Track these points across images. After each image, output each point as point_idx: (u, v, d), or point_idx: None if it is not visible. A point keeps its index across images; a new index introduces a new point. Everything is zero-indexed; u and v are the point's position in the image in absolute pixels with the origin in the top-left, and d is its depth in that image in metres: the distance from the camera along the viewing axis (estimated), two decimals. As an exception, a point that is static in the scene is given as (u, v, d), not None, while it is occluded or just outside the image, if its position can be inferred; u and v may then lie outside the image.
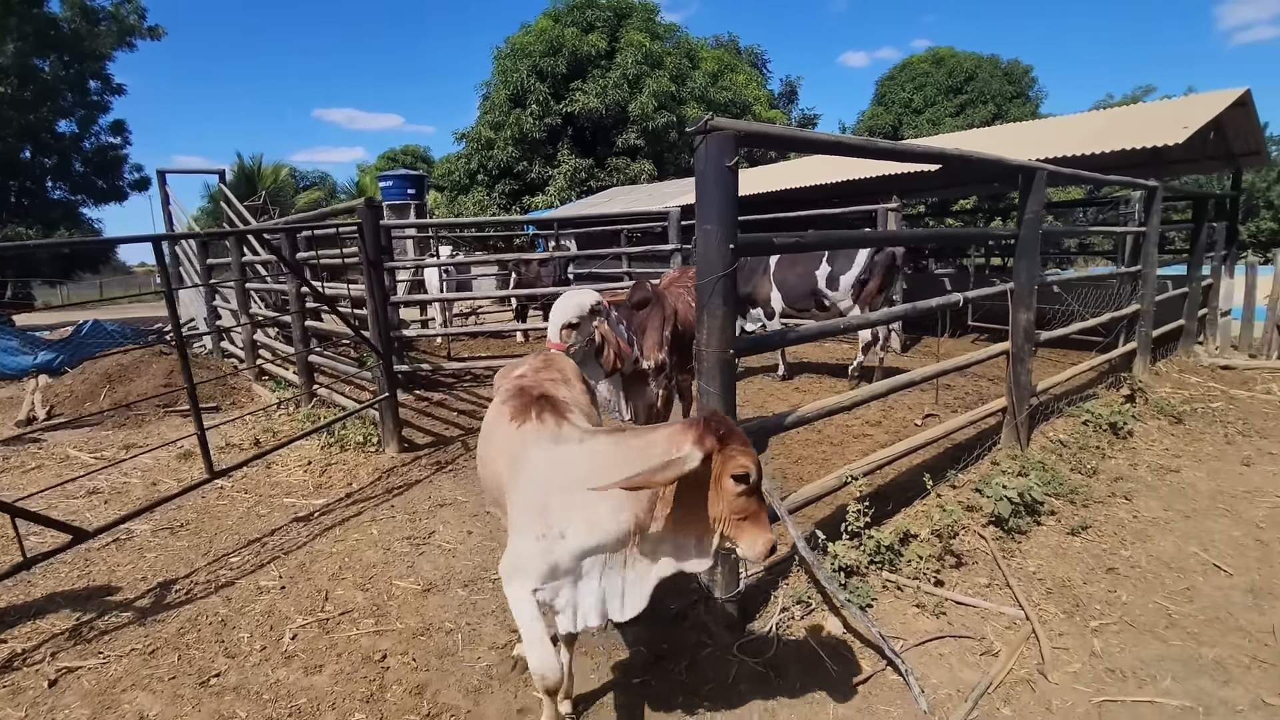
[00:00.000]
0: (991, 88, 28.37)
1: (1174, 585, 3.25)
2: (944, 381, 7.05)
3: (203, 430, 3.71)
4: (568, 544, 1.83)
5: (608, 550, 1.84)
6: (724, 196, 2.27)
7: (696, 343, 2.41)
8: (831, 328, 2.97)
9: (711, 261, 2.30)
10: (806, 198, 11.12)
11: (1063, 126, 9.46)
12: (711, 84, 19.62)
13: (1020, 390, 4.42)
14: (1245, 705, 2.42)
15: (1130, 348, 6.68)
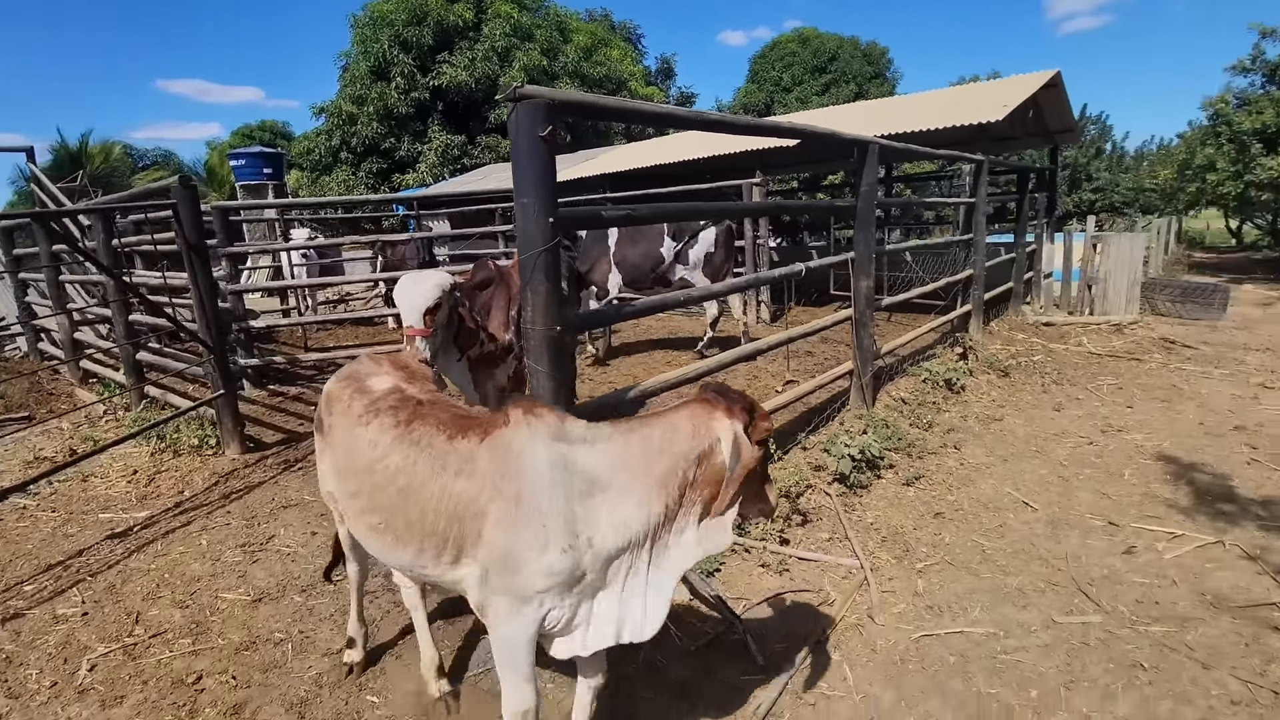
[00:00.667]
0: (853, 68, 29.87)
1: (989, 523, 3.58)
2: (805, 348, 7.40)
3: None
4: (595, 551, 1.62)
5: (635, 549, 1.67)
6: (539, 168, 2.20)
7: (523, 321, 2.35)
8: (671, 300, 2.99)
9: (531, 236, 2.23)
10: (678, 173, 11.25)
11: (905, 104, 10.11)
12: (585, 59, 19.35)
13: (864, 354, 4.69)
14: (1038, 626, 2.70)
15: (966, 310, 7.28)
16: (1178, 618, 2.71)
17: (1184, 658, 2.47)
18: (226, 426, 4.65)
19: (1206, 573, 3.03)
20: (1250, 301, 10.87)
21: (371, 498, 1.74)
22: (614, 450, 1.68)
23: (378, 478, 1.72)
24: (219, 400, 4.58)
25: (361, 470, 1.76)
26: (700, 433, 1.68)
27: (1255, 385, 5.95)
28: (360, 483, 1.77)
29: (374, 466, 1.73)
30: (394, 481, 1.70)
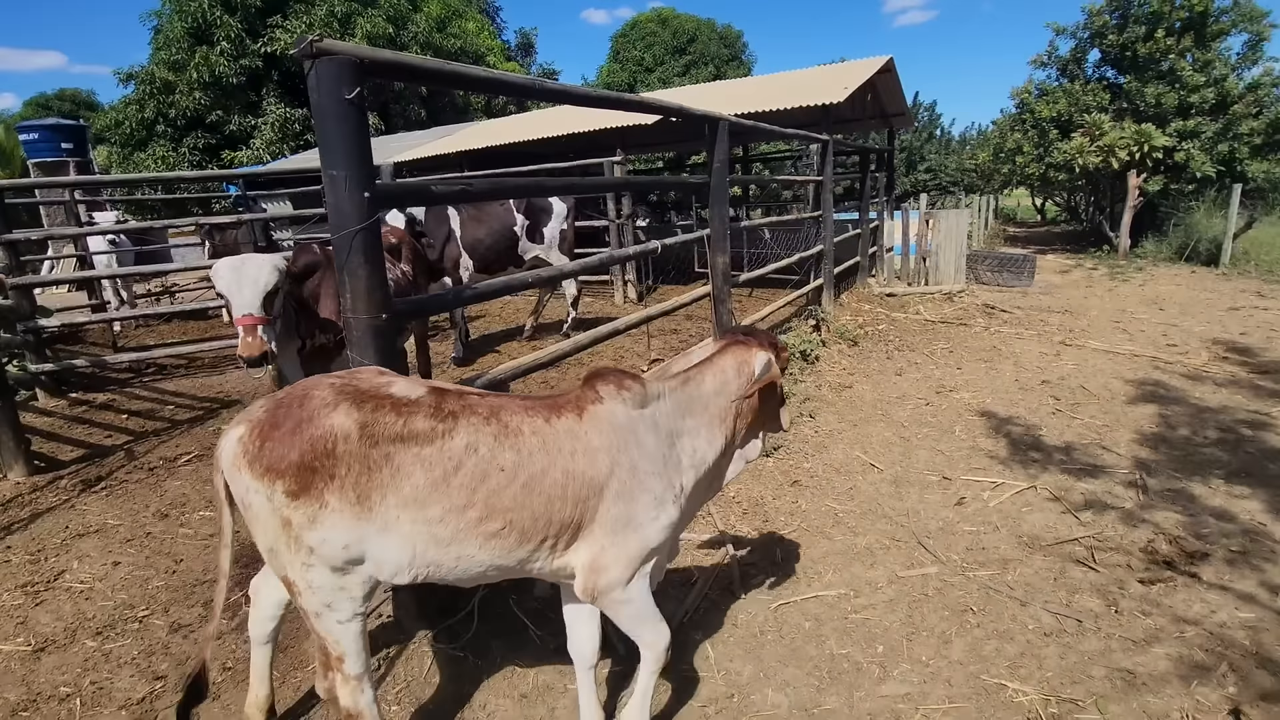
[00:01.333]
0: (711, 50, 30.58)
1: (841, 487, 3.76)
2: (671, 326, 7.49)
3: None
4: (685, 493, 1.84)
5: (707, 477, 1.95)
6: (349, 135, 1.95)
7: (343, 309, 2.10)
8: (518, 281, 2.83)
9: (344, 213, 1.99)
10: (541, 151, 10.97)
11: (758, 85, 10.44)
12: (437, 30, 18.30)
13: (723, 329, 4.76)
14: (884, 582, 2.85)
15: (818, 284, 7.65)
16: (1000, 560, 2.96)
17: (1005, 598, 2.69)
18: (6, 446, 3.94)
19: (1022, 516, 3.35)
20: (1052, 270, 12.31)
21: (489, 504, 1.59)
22: (682, 400, 1.88)
23: (493, 481, 1.59)
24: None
25: (471, 481, 1.57)
26: (743, 370, 1.95)
27: (1057, 343, 6.72)
28: (471, 494, 1.57)
29: (485, 470, 1.58)
30: (515, 479, 1.61)
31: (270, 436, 1.48)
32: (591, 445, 1.69)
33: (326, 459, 1.48)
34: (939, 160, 34.66)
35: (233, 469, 1.51)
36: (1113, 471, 3.78)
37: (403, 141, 12.44)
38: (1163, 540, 3.02)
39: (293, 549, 1.51)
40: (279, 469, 1.47)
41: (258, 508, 1.50)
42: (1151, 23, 13.61)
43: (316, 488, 1.48)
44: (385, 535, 1.54)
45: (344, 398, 1.54)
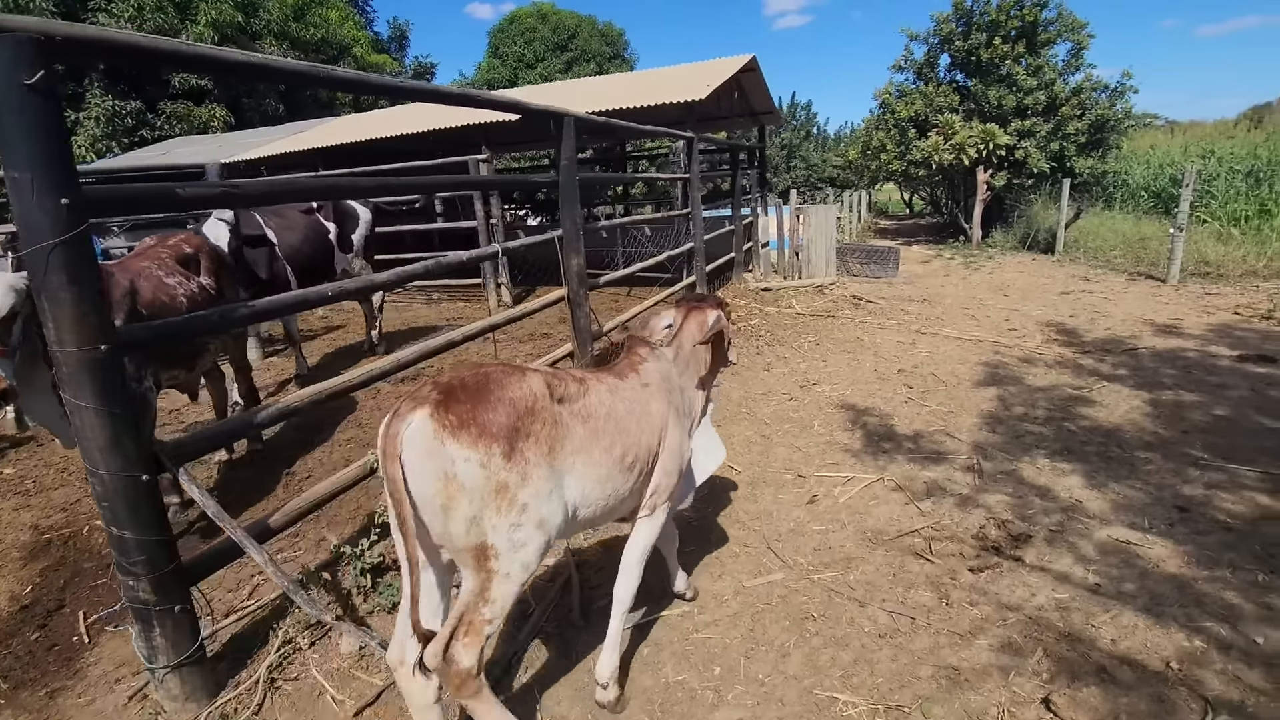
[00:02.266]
0: (592, 47, 30.38)
1: (697, 493, 3.66)
2: (542, 329, 7.24)
3: None
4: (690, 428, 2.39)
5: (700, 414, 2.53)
6: (35, 130, 1.58)
7: (50, 342, 1.71)
8: (315, 295, 2.49)
9: (35, 225, 1.61)
10: (406, 148, 10.38)
11: (623, 82, 10.35)
12: (294, 18, 16.99)
13: (581, 334, 4.58)
14: (729, 594, 2.75)
15: (691, 280, 7.65)
16: (844, 560, 2.95)
17: (846, 599, 2.66)
18: None
19: (869, 510, 3.37)
20: (915, 260, 13.05)
21: (622, 441, 1.95)
22: (678, 357, 2.38)
23: (619, 424, 1.96)
24: None
25: (609, 426, 1.93)
26: (705, 327, 2.39)
27: (914, 332, 7.03)
28: (612, 436, 1.93)
29: (613, 417, 1.95)
30: (630, 420, 2.00)
31: (472, 407, 1.59)
32: (652, 392, 2.13)
33: (528, 418, 1.68)
34: (818, 157, 36.29)
35: (430, 447, 1.54)
36: (953, 457, 3.91)
37: (252, 138, 11.40)
38: (992, 525, 3.11)
39: (504, 511, 1.61)
40: (492, 433, 1.59)
41: (468, 477, 1.56)
42: (991, 30, 14.72)
43: (520, 446, 1.64)
44: (566, 481, 1.78)
45: (522, 370, 1.79)
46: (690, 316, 2.44)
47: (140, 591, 1.90)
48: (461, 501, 1.56)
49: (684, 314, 2.46)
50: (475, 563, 1.62)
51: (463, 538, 1.59)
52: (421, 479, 1.54)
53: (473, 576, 1.64)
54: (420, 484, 1.55)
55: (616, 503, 1.98)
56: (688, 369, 2.40)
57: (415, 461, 1.54)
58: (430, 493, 1.55)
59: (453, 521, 1.57)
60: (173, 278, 3.16)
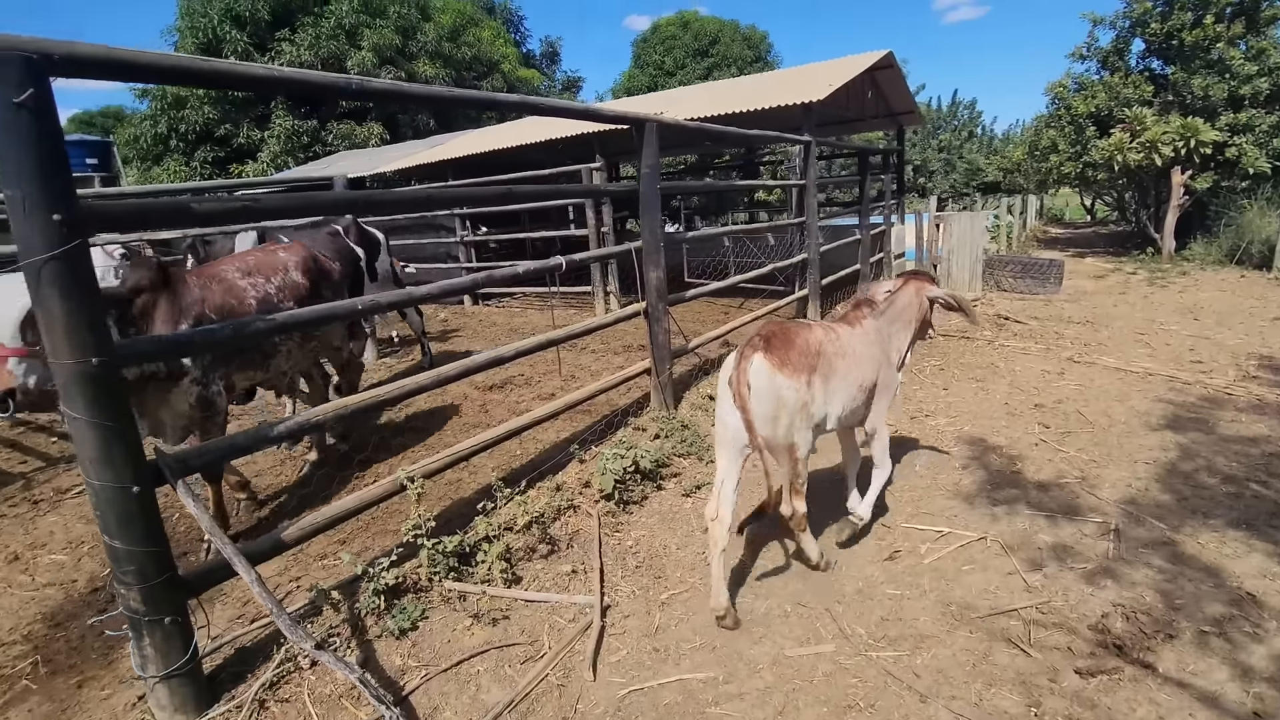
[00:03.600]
0: (733, 52, 29.96)
1: (760, 534, 3.28)
2: (639, 343, 7.05)
3: None
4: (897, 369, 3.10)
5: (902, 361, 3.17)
6: (26, 146, 1.61)
7: (47, 352, 1.76)
8: (346, 309, 2.46)
9: (30, 241, 1.65)
10: (528, 158, 10.69)
11: (738, 86, 9.94)
12: (449, 39, 18.24)
13: (659, 350, 4.33)
14: (766, 663, 2.38)
15: (803, 294, 7.13)
16: (915, 637, 2.46)
17: (904, 690, 2.20)
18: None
19: (959, 576, 2.83)
20: (1087, 274, 11.46)
21: (862, 371, 2.75)
22: (890, 313, 3.06)
23: (859, 359, 2.75)
24: None
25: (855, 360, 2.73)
26: (920, 293, 3.14)
27: (1065, 360, 6.06)
28: (857, 367, 2.73)
29: (856, 354, 2.75)
30: (866, 357, 2.81)
31: (786, 351, 2.45)
32: (872, 339, 2.89)
33: (816, 357, 2.53)
34: (978, 160, 33.34)
35: (769, 377, 2.40)
36: (1087, 519, 3.22)
37: (398, 152, 12.32)
38: (1120, 615, 2.48)
39: (801, 419, 2.47)
40: (800, 368, 2.45)
41: (789, 398, 2.41)
42: (1199, 9, 12.60)
43: (812, 378, 2.50)
44: (831, 399, 2.60)
45: (809, 325, 2.66)
46: (909, 283, 3.18)
47: (131, 601, 1.92)
48: (784, 414, 2.42)
49: (900, 284, 3.19)
50: (786, 453, 2.50)
51: (782, 438, 2.46)
52: (760, 400, 2.38)
53: (785, 461, 2.51)
54: (759, 404, 2.38)
55: (854, 414, 2.83)
56: (897, 325, 3.09)
57: (757, 388, 2.39)
58: (766, 409, 2.39)
59: (779, 427, 2.43)
60: (249, 279, 3.30)
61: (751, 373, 2.39)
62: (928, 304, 3.14)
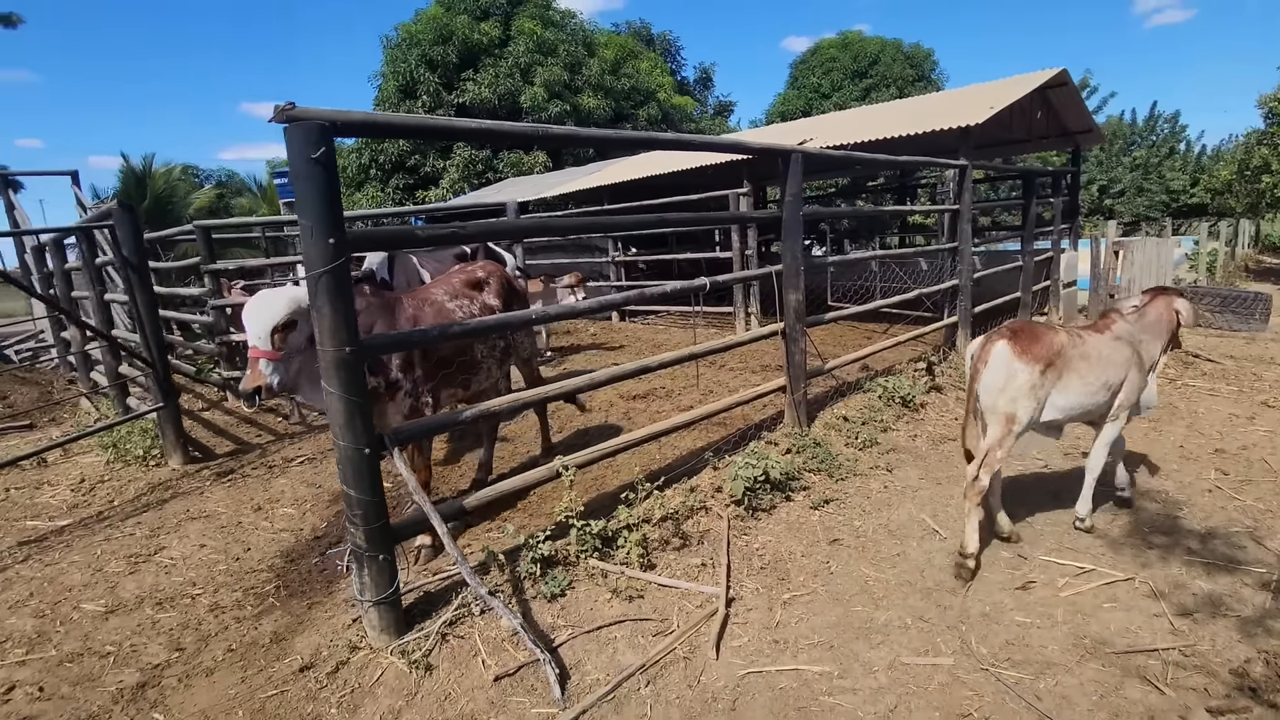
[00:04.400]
0: (894, 71, 29.05)
1: (886, 552, 3.36)
2: (776, 363, 7.18)
3: None
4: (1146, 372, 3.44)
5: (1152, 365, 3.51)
6: (317, 191, 2.19)
7: (317, 343, 2.34)
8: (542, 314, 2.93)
9: (312, 258, 2.23)
10: (682, 183, 11.18)
11: (890, 111, 9.74)
12: (610, 72, 19.45)
13: (795, 370, 4.50)
14: (882, 666, 2.51)
15: (952, 321, 6.92)
16: (1040, 663, 2.47)
17: (1024, 707, 2.24)
18: (168, 438, 4.83)
19: (1097, 613, 2.76)
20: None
21: (1103, 371, 3.20)
22: (1140, 323, 3.46)
23: (1101, 360, 3.22)
24: (161, 413, 4.76)
25: (1094, 363, 3.19)
26: (1169, 306, 3.54)
27: (1258, 403, 5.45)
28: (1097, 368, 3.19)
29: (1100, 356, 3.22)
30: (1110, 360, 3.24)
31: (1029, 344, 3.05)
32: (1120, 344, 3.28)
33: (1055, 355, 3.08)
34: (1180, 180, 29.67)
35: (1006, 360, 3.03)
36: (1249, 569, 2.99)
37: (560, 178, 13.36)
38: (1261, 661, 2.33)
39: (1027, 398, 3.03)
40: (1036, 359, 3.03)
41: (1021, 379, 3.02)
42: None
43: (1046, 370, 3.05)
44: (1059, 393, 3.14)
45: (1055, 329, 3.19)
46: (1154, 301, 3.56)
47: (357, 539, 2.45)
48: (1010, 389, 3.02)
49: (1150, 298, 3.57)
50: (1003, 421, 3.06)
51: (1003, 408, 3.05)
52: (994, 375, 3.04)
53: (997, 428, 3.08)
54: (991, 377, 3.05)
55: (1089, 410, 3.27)
56: (1147, 334, 3.44)
57: (995, 366, 3.04)
58: (996, 382, 3.05)
59: (1001, 398, 3.04)
60: (455, 301, 3.59)
61: (993, 354, 3.06)
62: (1176, 316, 3.52)
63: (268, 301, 2.81)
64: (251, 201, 27.86)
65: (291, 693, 2.39)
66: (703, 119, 28.38)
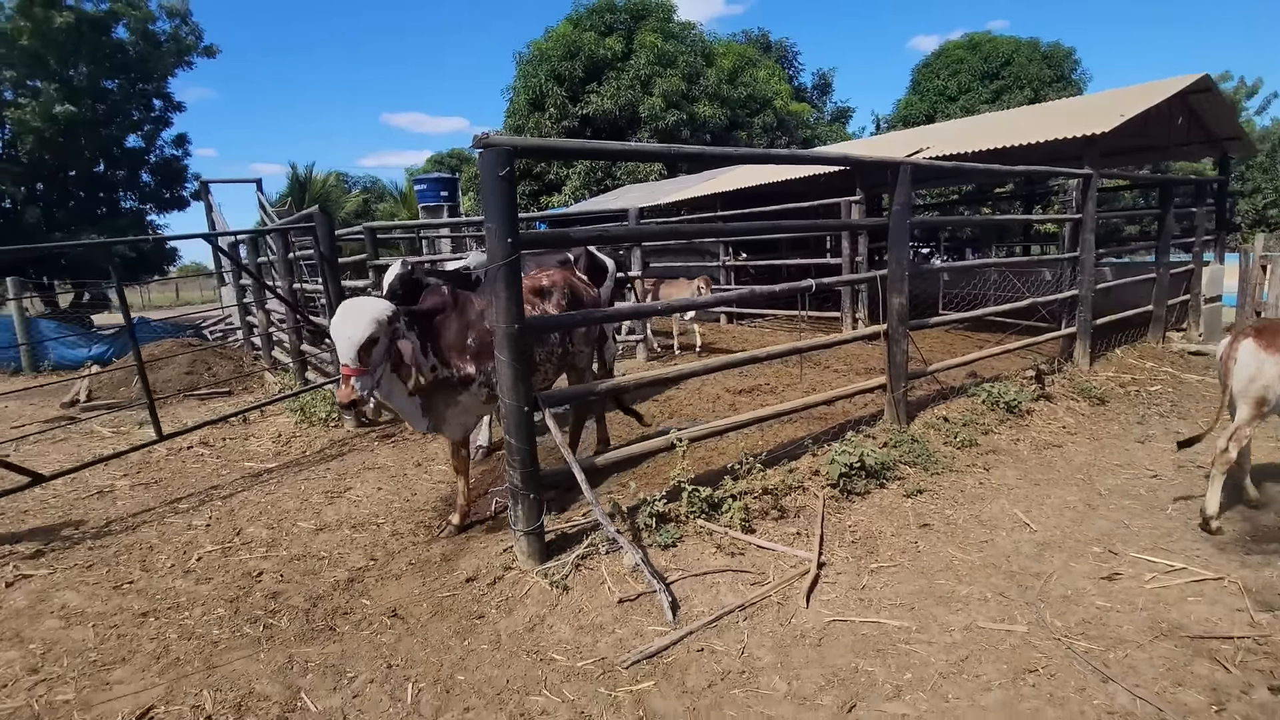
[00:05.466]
0: (1029, 72, 27.50)
1: (974, 539, 3.60)
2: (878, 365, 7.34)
3: (153, 403, 4.53)
4: None
5: None
6: (501, 201, 2.80)
7: (491, 320, 2.95)
8: (664, 307, 3.45)
9: (494, 253, 2.84)
10: (798, 190, 11.42)
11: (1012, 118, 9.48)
12: (727, 81, 19.90)
13: (896, 369, 4.76)
14: (958, 627, 2.80)
15: (1070, 332, 6.82)
16: (1113, 639, 2.68)
17: (1087, 669, 2.48)
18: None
19: (1180, 603, 2.90)
20: None
21: None
22: None
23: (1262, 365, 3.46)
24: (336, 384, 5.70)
25: (1252, 364, 3.45)
26: None
27: None
28: (1256, 369, 3.44)
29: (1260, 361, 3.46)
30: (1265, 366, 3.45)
31: (1272, 339, 3.40)
32: (1256, 353, 3.44)
33: None
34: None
35: (1254, 353, 3.42)
36: (1357, 582, 3.00)
37: (674, 185, 13.94)
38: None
39: (1275, 387, 3.39)
40: None
41: (1268, 370, 3.38)
42: None
43: None
44: None
45: None
46: None
47: (514, 479, 3.06)
48: (1260, 378, 3.39)
49: None
50: (1254, 406, 3.44)
51: (1253, 394, 3.42)
52: (1243, 367, 3.42)
53: (1248, 412, 3.46)
54: (1241, 370, 3.43)
55: None
56: None
57: (1243, 359, 3.42)
58: (1245, 373, 3.42)
59: (1252, 386, 3.42)
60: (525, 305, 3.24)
61: (1241, 349, 3.45)
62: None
63: (351, 321, 2.95)
64: (392, 206, 30.54)
65: (460, 596, 3.02)
66: (818, 125, 28.19)
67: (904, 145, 9.24)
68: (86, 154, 19.16)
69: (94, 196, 20.15)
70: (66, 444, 6.13)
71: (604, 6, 19.80)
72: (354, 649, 2.68)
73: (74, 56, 17.51)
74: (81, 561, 3.44)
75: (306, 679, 2.49)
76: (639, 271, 7.52)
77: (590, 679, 2.51)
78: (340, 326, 2.93)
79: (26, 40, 16.30)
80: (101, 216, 20.36)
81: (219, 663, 2.58)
